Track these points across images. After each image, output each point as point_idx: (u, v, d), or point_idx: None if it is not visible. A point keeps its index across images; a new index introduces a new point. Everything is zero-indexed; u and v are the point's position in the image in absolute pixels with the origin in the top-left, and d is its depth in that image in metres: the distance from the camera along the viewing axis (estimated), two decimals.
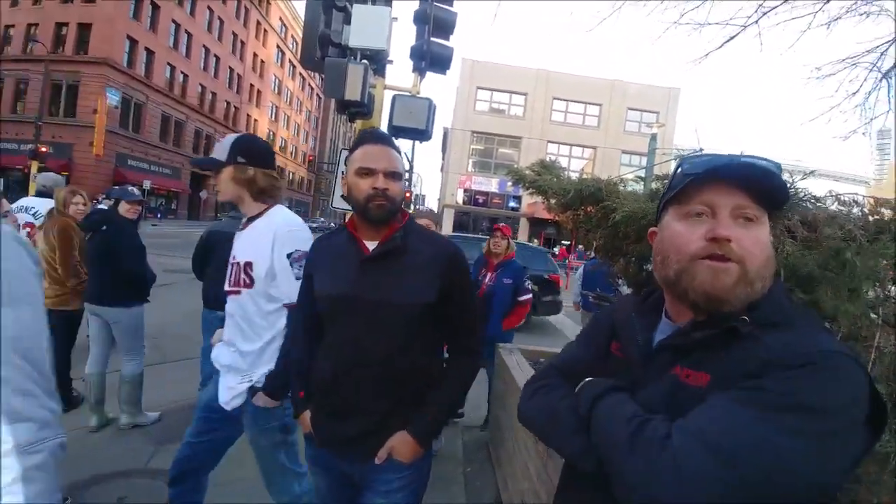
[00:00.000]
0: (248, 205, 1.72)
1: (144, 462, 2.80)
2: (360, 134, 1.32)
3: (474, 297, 1.36)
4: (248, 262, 1.65)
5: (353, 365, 1.23)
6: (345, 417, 1.26)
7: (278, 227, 1.64)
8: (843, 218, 1.16)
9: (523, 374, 2.69)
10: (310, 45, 4.17)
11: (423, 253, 1.26)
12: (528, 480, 2.14)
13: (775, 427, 0.58)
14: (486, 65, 27.21)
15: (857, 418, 0.61)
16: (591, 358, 0.92)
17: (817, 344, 0.64)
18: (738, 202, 0.71)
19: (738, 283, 0.69)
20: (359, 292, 1.23)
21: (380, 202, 1.22)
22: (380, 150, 1.25)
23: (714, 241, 0.70)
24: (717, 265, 0.70)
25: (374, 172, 1.22)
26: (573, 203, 1.93)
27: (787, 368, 0.62)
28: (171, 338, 5.14)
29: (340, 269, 1.27)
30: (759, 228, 0.72)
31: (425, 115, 4.20)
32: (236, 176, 1.67)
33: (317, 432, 1.32)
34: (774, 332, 0.67)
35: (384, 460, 1.24)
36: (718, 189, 0.72)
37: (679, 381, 0.72)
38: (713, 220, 0.72)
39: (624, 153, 27.08)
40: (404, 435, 1.24)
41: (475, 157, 28.14)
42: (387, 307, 1.22)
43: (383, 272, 1.23)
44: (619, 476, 0.66)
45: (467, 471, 3.10)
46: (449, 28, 4.49)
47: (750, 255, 0.69)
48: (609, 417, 0.72)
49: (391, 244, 1.23)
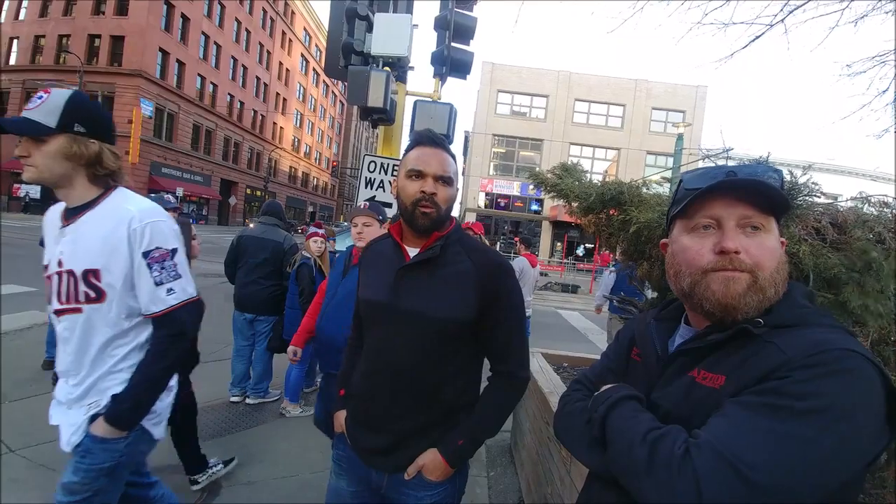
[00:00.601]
0: (77, 189, 1.27)
1: (178, 459, 2.90)
2: (415, 135, 1.26)
3: (521, 316, 1.25)
4: (91, 270, 1.25)
5: (384, 374, 1.20)
6: (374, 427, 1.23)
7: (134, 219, 1.26)
8: (873, 220, 1.14)
9: (546, 377, 2.68)
10: (333, 55, 4.28)
11: (464, 264, 1.19)
12: (550, 485, 2.13)
13: (793, 438, 0.58)
14: (506, 68, 27.14)
15: (874, 418, 0.61)
16: (616, 368, 0.95)
17: (830, 342, 0.64)
18: (742, 212, 0.73)
19: (749, 291, 0.71)
20: (394, 301, 1.18)
21: (426, 207, 1.16)
22: (432, 153, 1.19)
23: (723, 254, 0.72)
24: (729, 275, 0.72)
25: (424, 175, 1.17)
26: (595, 207, 1.92)
27: (800, 369, 0.62)
28: (203, 339, 5.30)
29: (381, 275, 1.23)
30: (765, 235, 0.73)
31: (446, 119, 4.25)
32: (71, 150, 1.21)
33: (350, 436, 1.30)
34: (788, 333, 0.68)
35: (412, 476, 1.21)
36: (722, 201, 0.74)
37: (695, 382, 0.73)
38: (720, 232, 0.74)
39: (649, 154, 26.54)
40: (435, 454, 1.20)
41: (496, 161, 28.05)
42: (419, 318, 1.16)
43: (419, 282, 1.18)
44: (638, 495, 0.67)
45: (490, 474, 3.10)
46: (469, 33, 4.53)
47: (759, 263, 0.71)
48: (623, 432, 0.73)
49: (428, 253, 1.18)
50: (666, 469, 0.63)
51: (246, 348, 3.81)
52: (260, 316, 3.71)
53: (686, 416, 0.71)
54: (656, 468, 0.64)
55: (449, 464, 1.20)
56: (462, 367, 1.23)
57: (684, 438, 0.65)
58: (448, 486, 1.24)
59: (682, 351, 0.78)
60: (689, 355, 0.77)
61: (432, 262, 1.18)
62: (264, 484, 2.68)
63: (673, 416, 0.73)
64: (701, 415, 0.68)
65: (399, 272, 1.19)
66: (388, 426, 1.21)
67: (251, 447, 3.11)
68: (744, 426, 0.61)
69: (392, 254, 1.26)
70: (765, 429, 0.60)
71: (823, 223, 1.20)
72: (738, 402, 0.64)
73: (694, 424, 0.68)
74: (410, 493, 1.22)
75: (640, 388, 0.82)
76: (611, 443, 0.74)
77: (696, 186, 0.77)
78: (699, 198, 0.75)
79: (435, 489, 1.22)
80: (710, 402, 0.68)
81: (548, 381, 2.58)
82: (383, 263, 1.25)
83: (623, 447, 0.71)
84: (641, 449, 0.67)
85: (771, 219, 0.74)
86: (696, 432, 0.65)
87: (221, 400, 3.81)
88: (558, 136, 26.76)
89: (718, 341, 0.73)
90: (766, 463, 0.58)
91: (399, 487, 1.23)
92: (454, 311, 1.16)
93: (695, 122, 24.76)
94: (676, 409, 0.74)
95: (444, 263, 1.19)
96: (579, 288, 15.41)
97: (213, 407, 3.70)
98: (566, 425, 0.91)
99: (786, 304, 0.73)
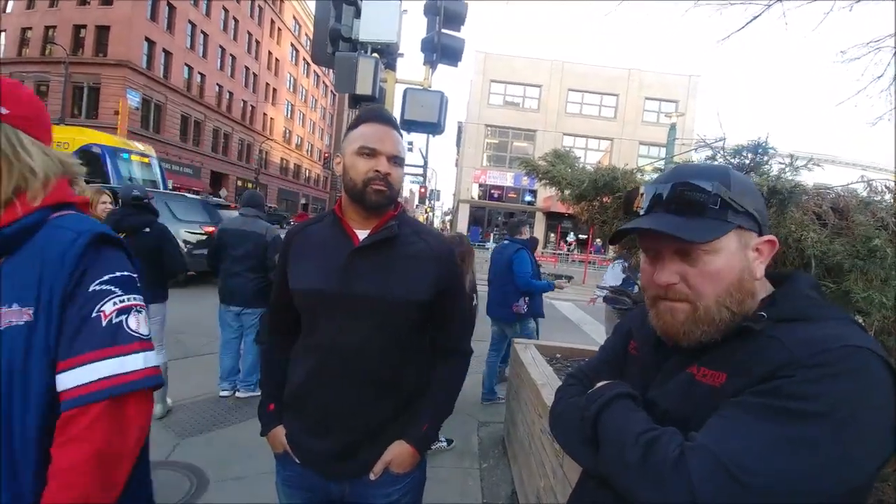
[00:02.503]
0: None
1: (167, 454, 2.86)
2: (365, 110, 1.18)
3: (465, 291, 1.27)
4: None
5: (336, 369, 1.11)
6: (327, 430, 1.13)
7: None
8: (875, 205, 1.10)
9: (539, 369, 2.65)
10: (321, 41, 4.18)
11: (417, 245, 1.15)
12: (544, 478, 2.11)
13: (796, 443, 0.55)
14: (499, 57, 26.91)
15: (884, 420, 0.57)
16: (612, 361, 0.92)
17: (839, 338, 0.60)
18: (675, 244, 0.69)
19: (688, 322, 0.69)
20: (345, 287, 1.09)
21: (379, 187, 1.09)
22: (385, 132, 1.12)
23: (659, 286, 0.71)
24: (669, 305, 0.71)
25: (378, 154, 1.10)
26: (587, 193, 1.87)
27: (805, 368, 0.58)
28: (192, 333, 5.25)
29: (323, 260, 1.13)
30: (708, 259, 0.68)
31: (437, 108, 4.17)
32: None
33: (296, 450, 1.17)
34: (792, 327, 0.64)
35: (380, 475, 1.14)
36: (653, 234, 0.71)
37: (695, 379, 0.70)
38: (657, 263, 0.73)
39: (642, 144, 26.53)
40: (402, 445, 1.14)
41: (490, 152, 27.92)
42: (377, 303, 1.10)
43: (374, 265, 1.11)
44: (630, 497, 0.64)
45: (483, 466, 3.08)
46: (460, 19, 4.44)
47: (699, 293, 0.69)
48: (616, 432, 0.69)
49: (386, 233, 1.11)
50: (659, 473, 0.60)
51: (234, 341, 3.75)
52: (247, 309, 3.65)
53: (684, 416, 0.67)
54: (649, 471, 0.61)
55: (418, 452, 1.17)
56: (418, 350, 1.20)
57: (679, 441, 0.61)
58: (416, 473, 1.21)
59: (681, 347, 0.74)
60: (688, 351, 0.73)
61: (388, 243, 1.12)
62: (254, 479, 2.63)
63: (671, 415, 0.70)
64: (700, 414, 0.64)
65: (350, 255, 1.10)
66: (346, 426, 1.13)
67: (241, 442, 3.06)
68: (743, 429, 0.58)
69: (335, 237, 1.16)
70: (765, 432, 0.56)
71: (824, 208, 1.16)
72: (737, 402, 0.61)
73: (692, 424, 0.64)
74: (378, 493, 1.16)
75: (637, 384, 0.79)
76: (603, 443, 0.71)
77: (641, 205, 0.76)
78: None
79: (403, 480, 1.17)
80: (709, 401, 0.65)
81: (541, 374, 2.55)
82: (323, 248, 1.16)
83: (615, 448, 0.68)
84: (634, 451, 0.63)
85: (716, 239, 0.68)
86: (693, 435, 0.62)
87: (210, 395, 3.76)
88: (551, 126, 26.66)
89: (716, 339, 0.69)
90: (766, 468, 0.55)
91: (365, 491, 1.16)
92: (415, 293, 1.12)
93: (688, 112, 24.74)
94: (674, 408, 0.70)
95: (399, 245, 1.14)
96: (572, 278, 15.43)
97: (203, 401, 3.64)
98: (560, 421, 0.88)
99: (789, 296, 0.69)
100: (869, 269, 0.95)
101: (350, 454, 1.13)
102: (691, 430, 0.63)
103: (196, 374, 4.13)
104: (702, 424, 0.63)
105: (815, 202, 1.19)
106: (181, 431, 3.16)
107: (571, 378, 0.95)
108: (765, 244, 0.72)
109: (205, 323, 5.37)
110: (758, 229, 0.71)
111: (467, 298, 1.26)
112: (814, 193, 1.15)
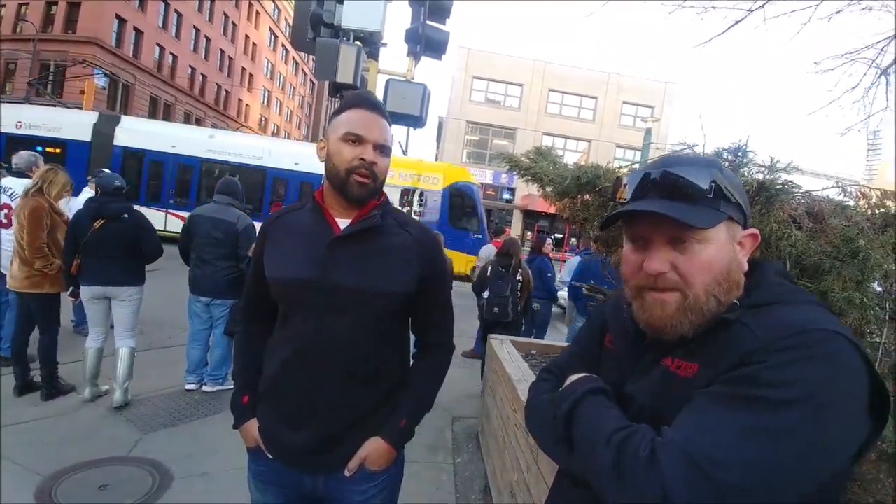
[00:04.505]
0: None
1: (128, 450, 2.74)
2: (353, 94, 1.14)
3: (450, 286, 1.24)
4: None
5: (314, 361, 1.07)
6: (302, 424, 1.09)
7: None
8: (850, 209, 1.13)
9: (514, 364, 2.66)
10: (301, 25, 4.06)
11: (401, 236, 1.12)
12: (517, 472, 2.11)
13: (771, 432, 0.54)
14: (482, 54, 26.90)
15: (856, 408, 0.57)
16: (587, 354, 0.90)
17: (813, 322, 0.60)
18: (667, 230, 0.68)
19: (678, 313, 0.68)
20: (325, 277, 1.05)
21: (363, 177, 1.05)
22: (373, 119, 1.08)
23: (649, 275, 0.69)
24: (658, 297, 0.69)
25: (364, 141, 1.05)
26: (570, 190, 1.87)
27: (776, 352, 0.57)
28: (157, 324, 5.05)
29: (303, 250, 1.09)
30: (699, 248, 0.67)
31: (419, 100, 4.13)
32: None
33: (269, 443, 1.13)
34: (762, 312, 0.64)
35: (355, 471, 1.11)
36: (645, 220, 0.69)
37: (669, 371, 0.69)
38: (647, 252, 0.70)
39: (618, 147, 27.04)
40: (378, 442, 1.11)
41: (470, 148, 27.93)
42: (358, 294, 1.06)
43: (356, 255, 1.07)
44: (604, 498, 0.62)
45: (457, 461, 3.08)
46: (445, 12, 4.39)
47: (689, 281, 0.67)
48: (589, 431, 0.68)
49: (368, 222, 1.08)
50: (632, 473, 0.58)
51: (202, 333, 3.62)
52: (216, 299, 3.52)
53: (661, 409, 0.66)
54: (622, 472, 0.59)
55: (394, 448, 1.13)
56: (398, 343, 1.18)
57: (651, 438, 0.60)
58: (393, 470, 1.18)
59: (656, 339, 0.74)
60: (663, 344, 0.72)
61: (370, 232, 1.09)
62: (220, 475, 2.55)
63: (648, 410, 0.69)
64: (675, 407, 0.63)
65: (331, 244, 1.07)
66: (323, 419, 1.09)
67: (207, 437, 2.96)
68: (712, 421, 0.57)
69: (314, 225, 1.12)
70: (735, 423, 0.55)
71: (799, 211, 1.18)
72: (707, 393, 0.60)
73: (668, 417, 0.63)
74: (354, 490, 1.13)
75: (613, 378, 0.78)
76: (576, 442, 0.70)
77: (630, 188, 0.73)
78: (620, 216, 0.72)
79: (379, 477, 1.14)
80: (683, 393, 0.64)
81: (516, 369, 2.55)
82: (303, 236, 1.11)
83: (588, 448, 0.67)
84: (607, 451, 0.62)
85: (709, 228, 0.67)
86: (665, 429, 0.61)
87: (177, 388, 3.62)
88: (532, 125, 26.88)
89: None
90: (737, 461, 0.53)
91: (340, 486, 1.12)
92: (397, 284, 1.09)
93: (663, 117, 25.35)
94: (651, 402, 0.69)
95: (381, 235, 1.10)
96: None
97: (168, 395, 3.51)
98: (534, 419, 0.87)
99: (759, 283, 0.69)
100: (845, 270, 0.98)
101: (326, 447, 1.10)
102: (667, 423, 0.62)
103: (161, 367, 3.97)
104: (675, 417, 0.62)
105: (790, 206, 1.21)
106: (144, 426, 3.03)
107: (545, 373, 0.94)
108: (748, 237, 0.72)
109: (169, 313, 5.17)
110: (743, 222, 0.71)
111: (450, 292, 1.23)
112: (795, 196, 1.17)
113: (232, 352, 3.71)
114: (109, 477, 2.45)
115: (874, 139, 58.21)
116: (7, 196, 3.68)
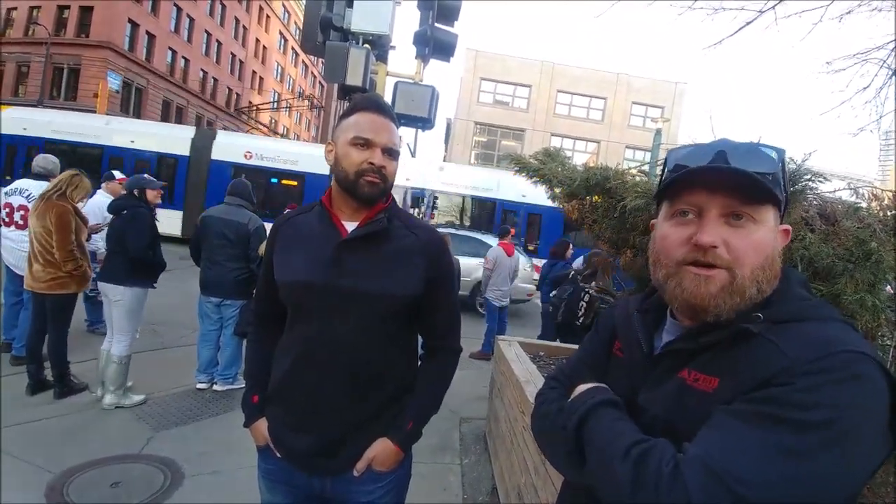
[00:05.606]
0: None
1: (140, 448, 2.78)
2: (361, 98, 1.14)
3: (456, 289, 1.24)
4: None
5: (323, 364, 1.08)
6: (310, 425, 1.10)
7: None
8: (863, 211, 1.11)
9: (522, 366, 2.65)
10: (311, 29, 4.09)
11: (408, 239, 1.12)
12: (525, 474, 2.11)
13: (794, 453, 0.53)
14: (490, 55, 26.89)
15: (880, 428, 0.56)
16: (594, 361, 0.87)
17: (841, 342, 0.58)
18: (726, 201, 0.64)
19: (722, 292, 0.64)
20: (332, 279, 1.06)
21: (373, 179, 1.06)
22: (382, 123, 1.08)
23: (699, 247, 0.65)
24: (702, 272, 0.65)
25: (373, 145, 1.06)
26: (579, 192, 1.86)
27: (804, 375, 0.56)
28: (170, 324, 5.12)
29: (310, 253, 1.10)
30: (754, 227, 0.65)
31: (428, 102, 4.14)
32: None
33: (277, 444, 1.15)
34: (788, 329, 0.62)
35: (363, 472, 1.11)
36: (705, 188, 0.66)
37: (686, 384, 0.66)
38: (699, 223, 0.66)
39: (628, 148, 26.83)
40: (385, 443, 1.12)
41: (478, 150, 27.90)
42: (365, 298, 1.07)
43: (363, 258, 1.08)
44: None
45: (464, 462, 3.08)
46: (453, 14, 4.40)
47: (740, 260, 0.64)
48: (603, 445, 0.65)
49: (375, 226, 1.08)
50: (654, 489, 0.56)
51: (213, 333, 3.66)
52: (227, 300, 3.56)
53: (675, 422, 0.65)
54: (642, 486, 0.57)
55: (402, 450, 1.14)
56: (404, 345, 1.18)
57: (672, 454, 0.58)
58: (400, 471, 1.19)
59: (671, 350, 0.71)
60: (679, 355, 0.70)
61: (377, 236, 1.09)
62: (231, 474, 2.58)
63: (661, 421, 0.67)
64: (691, 421, 0.61)
65: (338, 247, 1.07)
66: (329, 423, 1.10)
67: (218, 436, 3.00)
68: (736, 438, 0.55)
69: (322, 228, 1.12)
70: (760, 442, 0.54)
71: (811, 213, 1.17)
72: (731, 410, 0.58)
73: (683, 431, 0.62)
74: (361, 490, 1.13)
75: (623, 387, 0.75)
76: (590, 456, 0.67)
77: (683, 164, 0.69)
78: (681, 181, 0.67)
79: (386, 478, 1.15)
80: (701, 407, 0.62)
81: (524, 371, 2.55)
82: (311, 240, 1.12)
83: (603, 462, 0.64)
84: (625, 466, 0.60)
85: (764, 208, 0.65)
86: (686, 446, 0.59)
87: (188, 387, 3.67)
88: (540, 126, 26.80)
89: (711, 343, 0.66)
90: (763, 480, 0.53)
91: (347, 487, 1.13)
92: (403, 287, 1.09)
93: (673, 117, 25.12)
94: (665, 415, 0.67)
95: (388, 238, 1.11)
96: None
97: (179, 394, 3.56)
98: (542, 431, 0.84)
99: (784, 296, 0.67)
100: (857, 272, 0.96)
101: (333, 450, 1.10)
102: (681, 437, 0.61)
103: (173, 366, 4.03)
104: (692, 431, 0.60)
105: (802, 207, 1.20)
106: (156, 424, 3.07)
107: (552, 381, 0.91)
108: (782, 232, 0.70)
109: (183, 314, 5.24)
110: (780, 216, 0.69)
111: (457, 295, 1.23)
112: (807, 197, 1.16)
113: (242, 352, 3.76)
114: (121, 474, 2.49)
115: (886, 140, 57.13)
116: (23, 197, 3.76)
